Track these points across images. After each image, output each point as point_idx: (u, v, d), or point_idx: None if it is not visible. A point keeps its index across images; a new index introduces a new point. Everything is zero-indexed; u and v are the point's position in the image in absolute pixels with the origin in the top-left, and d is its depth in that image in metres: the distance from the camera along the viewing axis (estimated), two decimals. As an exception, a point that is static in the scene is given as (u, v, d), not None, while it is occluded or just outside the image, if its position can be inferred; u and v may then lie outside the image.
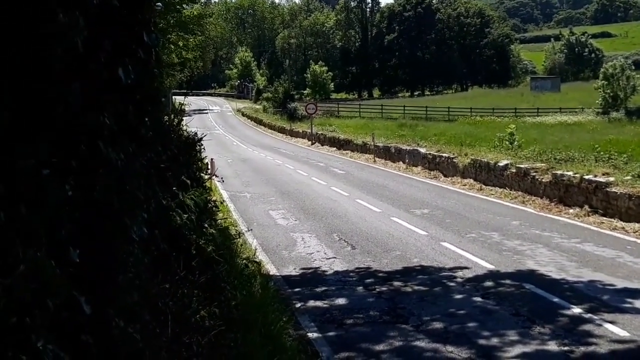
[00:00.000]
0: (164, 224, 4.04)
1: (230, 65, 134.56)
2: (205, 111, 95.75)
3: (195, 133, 11.04)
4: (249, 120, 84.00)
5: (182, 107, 11.55)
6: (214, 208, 10.09)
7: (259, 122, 77.56)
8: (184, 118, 11.64)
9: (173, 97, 34.96)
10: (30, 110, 2.35)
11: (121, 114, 3.09)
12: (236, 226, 17.07)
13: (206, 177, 11.07)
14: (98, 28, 2.74)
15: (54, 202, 2.07)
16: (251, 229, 16.09)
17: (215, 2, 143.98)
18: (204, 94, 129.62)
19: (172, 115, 8.12)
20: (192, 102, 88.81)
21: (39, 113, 2.40)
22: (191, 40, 58.52)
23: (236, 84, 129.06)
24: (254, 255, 13.22)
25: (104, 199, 2.76)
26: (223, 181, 14.37)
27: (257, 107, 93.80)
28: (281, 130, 65.50)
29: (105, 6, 2.92)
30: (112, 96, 2.97)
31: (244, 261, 11.60)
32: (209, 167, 15.93)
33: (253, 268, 11.54)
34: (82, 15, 2.45)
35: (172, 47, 51.18)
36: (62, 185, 2.30)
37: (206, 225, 7.56)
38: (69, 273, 2.20)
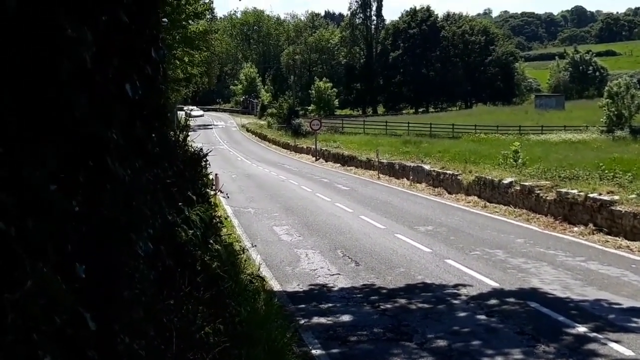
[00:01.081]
0: (169, 239, 4.03)
1: (235, 81, 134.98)
2: (210, 127, 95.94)
3: (201, 149, 11.06)
4: (254, 135, 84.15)
5: (187, 122, 11.57)
6: (218, 224, 10.08)
7: (264, 137, 77.68)
8: (189, 133, 11.66)
9: (178, 112, 35.07)
10: (37, 121, 2.35)
11: (128, 129, 3.10)
12: (240, 242, 17.08)
13: (211, 192, 11.01)
14: (106, 43, 2.75)
15: (61, 217, 2.07)
16: (255, 245, 16.06)
17: (220, 18, 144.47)
18: (208, 109, 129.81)
19: (178, 131, 8.12)
20: (196, 117, 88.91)
21: (46, 125, 2.40)
22: (196, 55, 58.90)
23: (241, 99, 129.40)
24: (258, 271, 13.20)
25: (110, 214, 2.76)
26: (228, 197, 14.35)
27: (262, 122, 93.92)
28: (285, 146, 65.60)
29: (114, 21, 2.93)
30: (119, 111, 2.97)
31: (248, 277, 11.58)
32: (214, 182, 15.94)
33: (257, 284, 11.52)
34: (90, 30, 2.46)
35: (178, 62, 51.54)
36: (70, 199, 2.31)
37: (211, 241, 7.55)
38: (74, 288, 2.19)
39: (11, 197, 1.91)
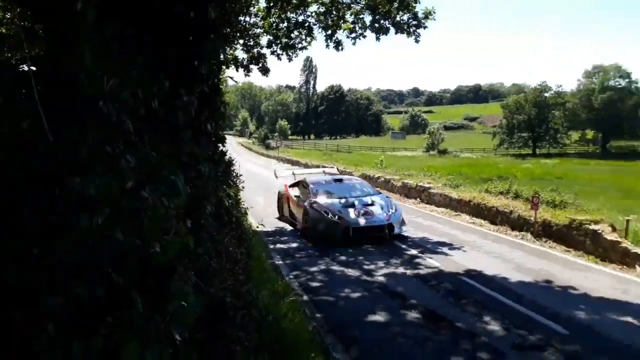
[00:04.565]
0: (220, 205, 4.03)
1: (237, 119, 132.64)
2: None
3: (230, 157, 10.86)
4: (245, 148, 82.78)
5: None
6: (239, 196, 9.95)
7: (250, 149, 76.44)
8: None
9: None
10: (166, 144, 2.34)
11: (207, 147, 3.10)
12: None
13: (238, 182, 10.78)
14: (200, 103, 2.76)
15: (185, 196, 2.08)
16: (252, 207, 15.62)
17: (230, 85, 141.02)
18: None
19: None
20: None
21: (172, 147, 2.40)
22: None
23: (239, 129, 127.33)
24: (249, 218, 13.07)
25: (199, 191, 2.78)
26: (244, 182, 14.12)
27: (250, 141, 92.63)
28: (261, 154, 64.69)
29: (203, 92, 2.93)
30: (204, 139, 2.98)
31: (250, 224, 11.47)
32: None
33: (253, 227, 11.42)
34: (195, 97, 2.48)
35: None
36: (185, 185, 2.31)
37: (239, 207, 7.53)
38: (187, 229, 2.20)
39: (162, 185, 1.92)
